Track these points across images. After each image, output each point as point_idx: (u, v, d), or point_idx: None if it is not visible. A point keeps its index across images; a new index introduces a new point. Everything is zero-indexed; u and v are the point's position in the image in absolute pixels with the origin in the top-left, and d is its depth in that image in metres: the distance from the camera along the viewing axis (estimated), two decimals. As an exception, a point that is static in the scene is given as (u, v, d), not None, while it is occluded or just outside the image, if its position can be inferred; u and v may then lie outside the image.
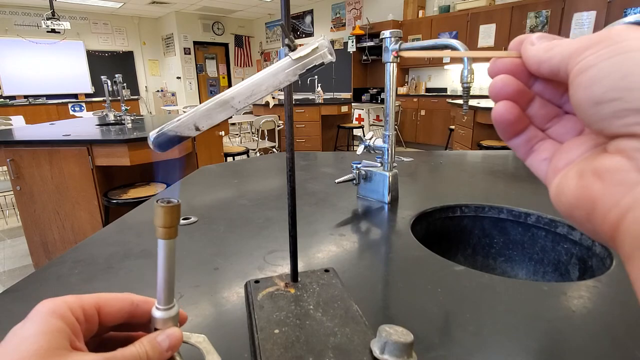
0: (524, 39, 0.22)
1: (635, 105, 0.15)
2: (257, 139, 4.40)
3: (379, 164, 0.83)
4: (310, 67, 0.27)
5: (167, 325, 0.28)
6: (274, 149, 4.65)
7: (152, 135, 0.27)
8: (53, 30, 4.93)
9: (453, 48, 0.68)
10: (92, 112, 5.15)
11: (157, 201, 0.25)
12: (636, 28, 0.17)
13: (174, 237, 0.26)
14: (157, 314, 0.28)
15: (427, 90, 6.69)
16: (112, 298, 0.29)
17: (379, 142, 0.82)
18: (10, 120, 4.26)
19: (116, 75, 3.12)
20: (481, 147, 3.58)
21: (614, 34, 0.17)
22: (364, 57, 7.13)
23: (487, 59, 0.22)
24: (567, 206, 0.19)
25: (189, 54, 9.01)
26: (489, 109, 3.57)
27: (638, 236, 0.15)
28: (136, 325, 0.30)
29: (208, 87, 9.73)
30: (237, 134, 7.08)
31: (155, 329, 0.28)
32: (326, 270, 0.47)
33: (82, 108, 7.63)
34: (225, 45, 9.78)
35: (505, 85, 0.22)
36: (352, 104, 5.94)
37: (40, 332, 0.23)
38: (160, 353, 0.27)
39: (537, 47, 0.20)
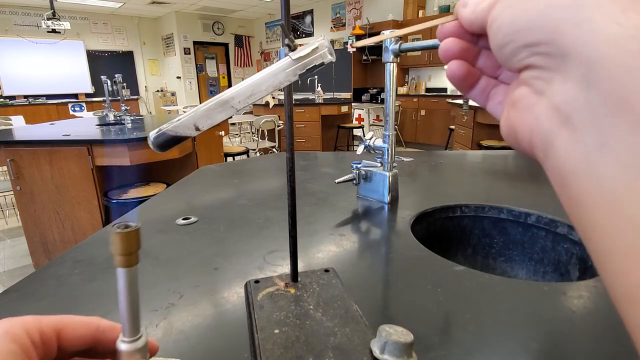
0: (458, 2, 0.24)
1: (522, 42, 0.18)
2: (257, 139, 4.40)
3: (379, 164, 0.83)
4: (310, 67, 0.27)
5: (133, 358, 0.26)
6: (274, 149, 4.65)
7: (152, 135, 0.27)
8: (53, 30, 4.93)
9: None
10: (92, 112, 5.15)
11: (112, 226, 0.23)
12: None
13: (135, 264, 0.24)
14: (123, 346, 0.25)
15: (427, 90, 6.69)
16: (75, 322, 0.26)
17: (379, 142, 0.82)
18: (10, 120, 4.26)
19: (116, 75, 3.12)
20: (481, 147, 3.58)
21: None
22: (364, 57, 7.13)
23: (434, 28, 0.25)
24: (505, 137, 0.21)
25: (189, 53, 9.01)
26: (489, 109, 3.57)
27: (542, 146, 0.17)
28: (103, 352, 0.28)
29: (208, 87, 9.73)
30: (237, 134, 7.08)
31: None
32: (326, 270, 0.47)
33: (82, 108, 7.63)
34: (225, 45, 9.78)
35: (450, 47, 0.24)
36: (352, 104, 5.94)
37: None
38: None
39: (467, 9, 0.22)
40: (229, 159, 3.64)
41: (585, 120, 0.15)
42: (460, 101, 4.00)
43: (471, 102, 3.77)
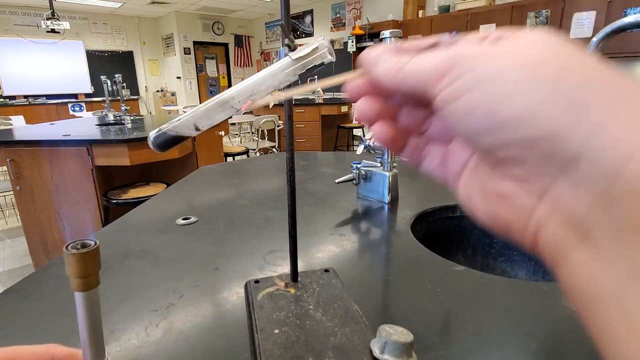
0: (363, 58, 0.21)
1: (511, 137, 0.15)
2: (257, 139, 4.40)
3: (379, 164, 0.83)
4: (310, 67, 0.27)
5: None
6: (274, 149, 4.65)
7: (152, 135, 0.27)
8: (53, 30, 4.92)
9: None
10: (91, 112, 5.15)
11: (66, 247, 0.20)
12: (469, 53, 0.16)
13: (94, 286, 0.21)
14: None
15: (427, 90, 6.69)
16: (28, 353, 0.24)
17: (379, 142, 0.82)
18: (10, 120, 4.26)
19: (116, 75, 3.12)
20: (481, 147, 3.58)
21: (467, 57, 0.16)
22: (364, 57, 7.12)
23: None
24: (485, 222, 0.19)
25: (189, 53, 9.01)
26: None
27: (551, 254, 0.16)
28: None
29: (208, 87, 9.72)
30: (237, 134, 7.08)
31: None
32: (326, 270, 0.47)
33: (82, 108, 7.63)
34: (225, 45, 9.77)
35: (366, 109, 0.21)
36: (352, 104, 5.93)
37: None
38: None
39: (382, 68, 0.20)
40: (229, 159, 3.64)
41: (613, 243, 0.13)
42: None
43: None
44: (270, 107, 4.77)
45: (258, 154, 4.20)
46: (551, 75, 0.15)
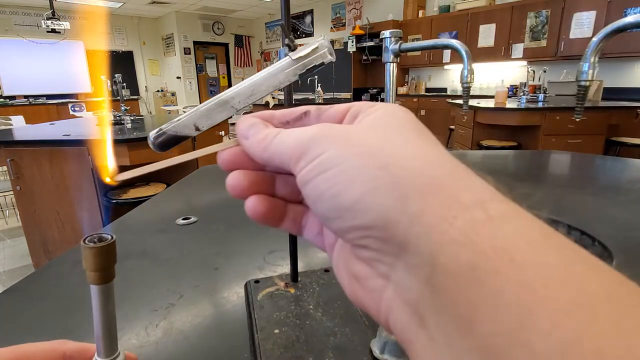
0: (236, 127, 0.21)
1: (352, 223, 0.15)
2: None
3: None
4: (310, 67, 0.27)
5: None
6: (274, 149, 4.65)
7: (151, 135, 0.27)
8: (53, 30, 4.93)
9: (453, 48, 0.68)
10: (92, 112, 5.15)
11: (84, 240, 0.20)
12: (322, 134, 0.17)
13: (110, 280, 0.21)
14: None
15: (427, 90, 6.70)
16: (36, 352, 0.24)
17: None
18: (10, 120, 4.26)
19: (116, 75, 3.12)
20: (481, 147, 3.58)
21: (320, 139, 0.17)
22: (364, 57, 7.13)
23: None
24: (350, 299, 0.19)
25: (189, 53, 9.01)
26: (489, 109, 3.57)
27: (401, 338, 0.15)
28: None
29: (208, 87, 9.73)
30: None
31: None
32: (326, 270, 0.47)
33: (82, 108, 7.63)
34: (225, 45, 9.78)
35: (239, 183, 0.21)
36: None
37: None
38: None
39: (252, 142, 0.20)
40: (229, 159, 3.63)
41: (439, 330, 0.13)
42: (460, 101, 4.00)
43: (471, 102, 3.77)
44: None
45: (258, 154, 4.19)
46: (380, 162, 0.15)
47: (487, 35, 5.51)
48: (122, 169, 0.26)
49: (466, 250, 0.13)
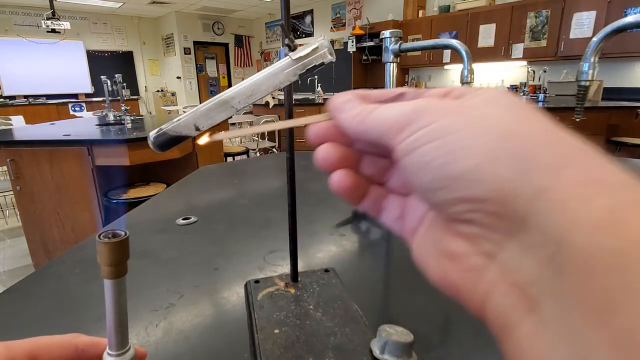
0: (330, 103, 0.21)
1: (461, 194, 0.15)
2: (257, 139, 4.40)
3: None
4: (310, 67, 0.27)
5: None
6: (274, 149, 4.65)
7: (151, 135, 0.27)
8: (53, 30, 4.93)
9: (453, 48, 0.68)
10: (92, 112, 5.15)
11: (99, 236, 0.21)
12: (429, 106, 0.16)
13: (123, 274, 0.22)
14: None
15: (427, 90, 6.69)
16: (51, 344, 0.25)
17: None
18: (10, 120, 4.26)
19: (116, 75, 3.12)
20: (481, 147, 3.57)
21: (427, 111, 0.16)
22: (364, 57, 7.13)
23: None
24: (436, 282, 0.18)
25: (189, 53, 9.01)
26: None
27: (498, 324, 0.15)
28: None
29: (208, 87, 9.72)
30: (237, 134, 7.07)
31: None
32: (326, 270, 0.47)
33: (82, 108, 7.63)
34: (225, 45, 9.77)
35: (328, 155, 0.21)
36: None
37: None
38: None
39: (348, 116, 0.19)
40: (229, 159, 3.64)
41: (558, 318, 0.12)
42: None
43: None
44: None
45: (258, 154, 4.20)
46: (500, 133, 0.14)
47: (487, 35, 5.51)
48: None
49: (609, 234, 0.11)
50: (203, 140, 0.25)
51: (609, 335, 0.10)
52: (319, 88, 5.51)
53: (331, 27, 7.94)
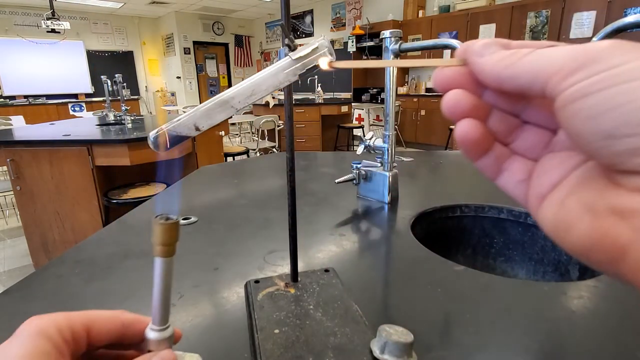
0: (467, 46, 0.19)
1: None
2: (257, 139, 4.40)
3: (379, 164, 0.83)
4: (310, 67, 0.27)
5: (160, 347, 0.26)
6: (274, 149, 4.65)
7: (152, 135, 0.27)
8: (53, 30, 4.93)
9: (453, 48, 0.68)
10: (92, 112, 5.15)
11: (155, 217, 0.24)
12: (622, 46, 0.15)
13: (172, 255, 0.25)
14: (151, 335, 0.26)
15: (427, 90, 6.69)
16: (103, 317, 0.27)
17: (379, 142, 0.82)
18: (10, 120, 4.26)
19: (116, 75, 3.12)
20: (481, 147, 3.57)
21: (605, 54, 0.15)
22: (364, 57, 7.13)
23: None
24: (579, 247, 0.16)
25: (189, 53, 9.01)
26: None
27: None
28: (128, 344, 0.29)
29: (208, 87, 9.73)
30: (237, 134, 7.08)
31: (149, 351, 0.27)
32: (326, 270, 0.47)
33: (82, 108, 7.63)
34: (225, 45, 9.78)
35: (460, 102, 0.19)
36: (352, 104, 5.94)
37: (26, 354, 0.22)
38: None
39: (490, 59, 0.18)
40: (229, 159, 3.64)
41: None
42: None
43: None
44: (271, 106, 4.76)
45: (258, 154, 4.20)
46: None
47: (487, 35, 5.51)
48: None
49: None
50: (324, 64, 0.23)
51: None
52: (319, 88, 5.51)
53: (331, 27, 7.94)
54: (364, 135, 0.87)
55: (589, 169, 0.17)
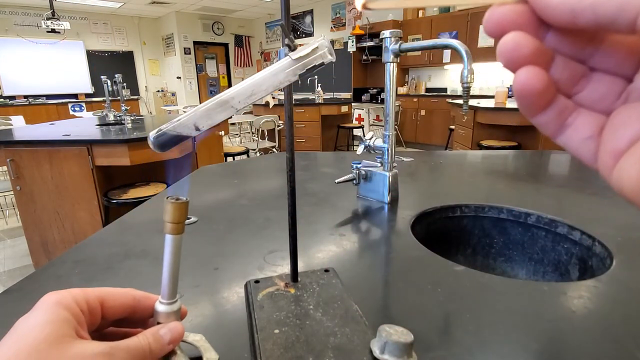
0: None
1: None
2: (257, 139, 4.40)
3: (379, 164, 0.83)
4: (310, 67, 0.27)
5: (169, 319, 0.28)
6: (274, 149, 4.65)
7: (152, 135, 0.27)
8: (53, 30, 4.93)
9: (453, 48, 0.68)
10: (92, 112, 5.15)
11: (167, 197, 0.26)
12: None
13: (180, 232, 0.26)
14: (161, 307, 0.28)
15: (427, 90, 6.69)
16: (115, 293, 0.29)
17: (379, 142, 0.82)
18: (10, 120, 4.26)
19: (116, 75, 3.12)
20: (481, 147, 3.58)
21: None
22: (364, 57, 7.13)
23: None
24: None
25: (189, 53, 9.01)
26: (489, 109, 3.57)
27: None
28: (136, 321, 0.30)
29: (208, 87, 9.73)
30: (237, 134, 7.08)
31: (158, 323, 0.29)
32: (326, 270, 0.47)
33: (82, 108, 7.63)
34: (225, 45, 9.78)
35: (518, 46, 0.16)
36: (352, 104, 5.94)
37: (47, 321, 0.24)
38: (162, 345, 0.27)
39: None
40: (229, 159, 3.64)
41: None
42: (460, 101, 3.99)
43: (471, 102, 3.77)
44: (271, 107, 4.76)
45: (258, 154, 4.20)
46: None
47: (487, 35, 5.50)
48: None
49: None
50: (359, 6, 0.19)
51: None
52: (319, 88, 5.51)
53: (331, 27, 7.94)
54: (364, 135, 0.87)
55: None
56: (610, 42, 0.17)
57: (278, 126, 4.51)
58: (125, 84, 3.23)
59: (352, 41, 7.09)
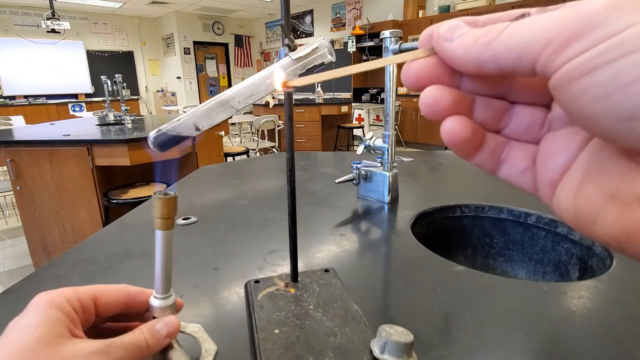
0: (431, 32, 0.17)
1: None
2: (257, 139, 4.40)
3: (379, 164, 0.83)
4: (310, 67, 0.27)
5: (164, 314, 0.29)
6: (274, 149, 4.65)
7: (152, 135, 0.27)
8: (53, 30, 4.93)
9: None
10: (92, 112, 5.15)
11: (154, 193, 0.26)
12: (617, 3, 0.12)
13: (170, 228, 0.26)
14: (155, 302, 0.28)
15: (427, 90, 6.69)
16: (108, 289, 0.29)
17: (379, 142, 0.82)
18: (10, 120, 4.26)
19: (116, 75, 3.12)
20: (481, 147, 3.57)
21: (602, 17, 0.12)
22: (364, 57, 7.13)
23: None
24: (611, 239, 0.14)
25: (189, 54, 9.01)
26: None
27: None
28: (132, 315, 0.30)
29: (208, 87, 9.73)
30: (237, 134, 7.08)
31: (154, 317, 0.29)
32: (326, 270, 0.47)
33: (82, 108, 7.63)
34: (225, 45, 9.78)
35: (437, 99, 0.17)
36: (352, 104, 5.94)
37: (40, 322, 0.24)
38: (158, 340, 0.27)
39: (463, 42, 0.16)
40: (229, 159, 3.64)
41: None
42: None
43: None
44: (271, 107, 4.76)
45: (258, 154, 4.20)
46: None
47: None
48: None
49: None
50: (278, 86, 0.24)
51: None
52: (319, 88, 5.51)
53: (331, 27, 7.94)
54: (364, 135, 0.87)
55: (599, 150, 0.15)
56: (522, 79, 0.18)
57: (278, 126, 4.51)
58: (125, 84, 3.23)
59: (352, 41, 7.09)
